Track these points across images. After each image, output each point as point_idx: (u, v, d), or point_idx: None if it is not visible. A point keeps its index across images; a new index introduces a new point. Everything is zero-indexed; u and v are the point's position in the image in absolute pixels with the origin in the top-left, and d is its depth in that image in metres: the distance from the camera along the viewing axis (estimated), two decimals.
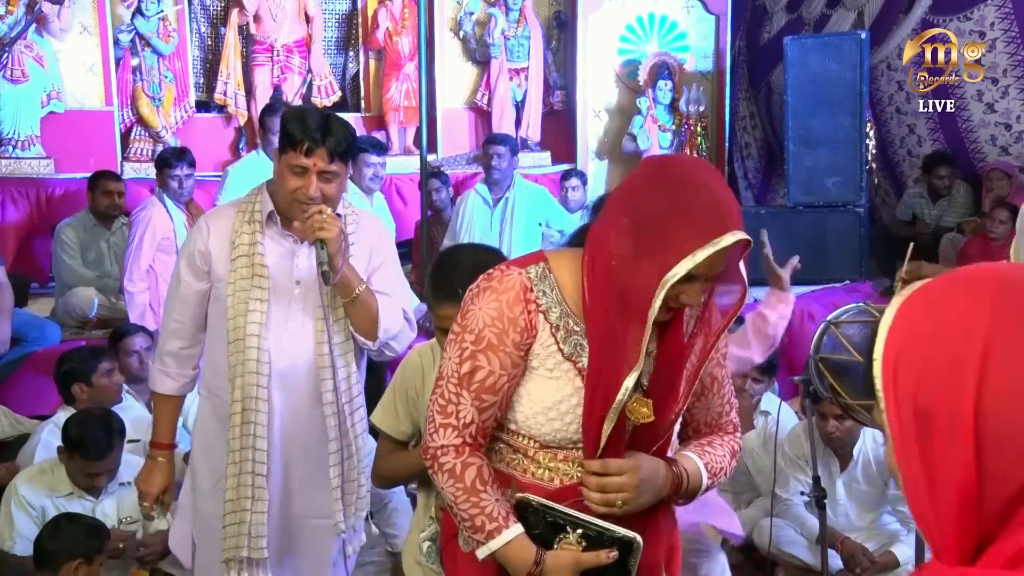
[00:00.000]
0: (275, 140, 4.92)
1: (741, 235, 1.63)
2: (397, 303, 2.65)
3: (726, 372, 1.93)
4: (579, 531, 1.71)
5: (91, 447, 3.39)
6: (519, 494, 1.76)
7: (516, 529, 1.72)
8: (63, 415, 3.80)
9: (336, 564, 2.73)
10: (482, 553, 1.75)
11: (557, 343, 1.74)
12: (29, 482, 3.50)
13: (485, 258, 2.14)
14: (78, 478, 3.46)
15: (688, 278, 1.63)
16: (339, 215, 2.58)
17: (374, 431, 2.59)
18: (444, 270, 2.27)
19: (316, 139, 2.41)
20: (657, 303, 1.63)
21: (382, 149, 5.66)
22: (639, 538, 1.71)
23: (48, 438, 3.82)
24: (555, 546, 1.73)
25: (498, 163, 5.49)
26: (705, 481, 1.85)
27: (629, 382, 1.68)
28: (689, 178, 1.67)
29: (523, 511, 1.75)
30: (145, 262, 5.07)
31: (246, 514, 2.55)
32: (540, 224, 5.41)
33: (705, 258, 1.60)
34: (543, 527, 1.74)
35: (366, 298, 2.54)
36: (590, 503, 1.73)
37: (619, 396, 1.68)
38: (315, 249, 2.45)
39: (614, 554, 1.70)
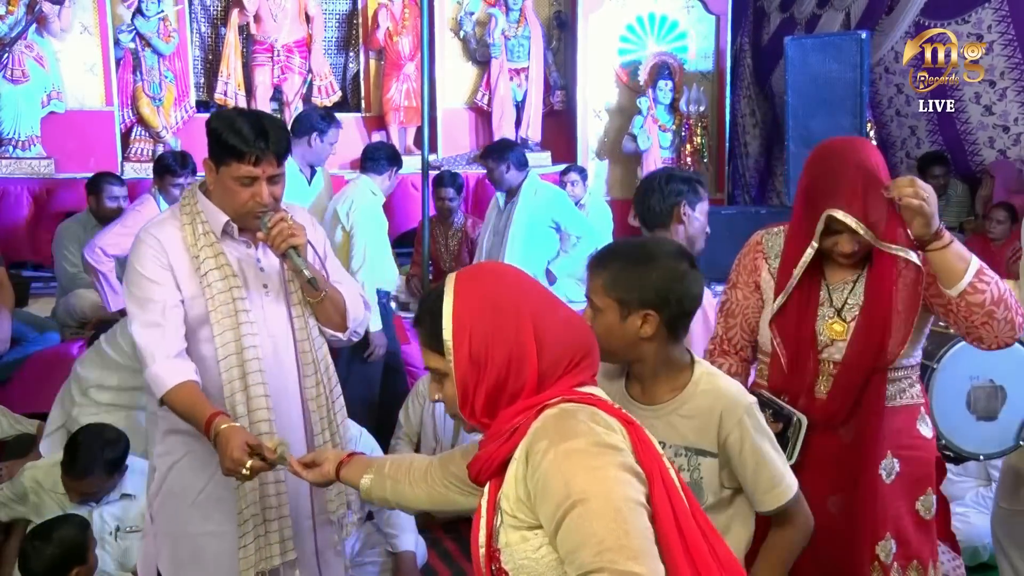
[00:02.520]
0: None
1: (838, 213, 2.17)
2: (353, 288, 2.67)
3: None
4: (769, 411, 2.25)
5: (73, 463, 3.34)
6: None
7: None
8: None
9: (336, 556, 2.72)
10: None
11: (774, 278, 2.39)
12: (33, 471, 3.52)
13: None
14: (64, 481, 3.43)
15: (833, 231, 2.22)
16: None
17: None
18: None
19: (262, 148, 2.35)
20: (811, 251, 2.26)
21: None
22: (802, 417, 2.27)
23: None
24: None
25: (489, 175, 5.50)
26: (973, 262, 2.16)
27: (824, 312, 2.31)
28: (831, 157, 2.26)
29: None
30: (115, 251, 4.87)
31: (273, 523, 2.50)
32: (551, 226, 5.37)
33: (826, 220, 2.19)
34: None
35: (332, 293, 2.54)
36: (906, 204, 2.13)
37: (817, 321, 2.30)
38: (289, 258, 2.40)
39: (778, 426, 2.25)
